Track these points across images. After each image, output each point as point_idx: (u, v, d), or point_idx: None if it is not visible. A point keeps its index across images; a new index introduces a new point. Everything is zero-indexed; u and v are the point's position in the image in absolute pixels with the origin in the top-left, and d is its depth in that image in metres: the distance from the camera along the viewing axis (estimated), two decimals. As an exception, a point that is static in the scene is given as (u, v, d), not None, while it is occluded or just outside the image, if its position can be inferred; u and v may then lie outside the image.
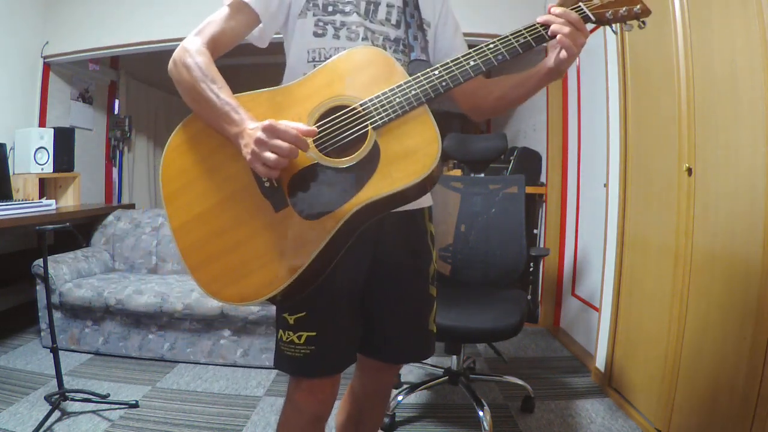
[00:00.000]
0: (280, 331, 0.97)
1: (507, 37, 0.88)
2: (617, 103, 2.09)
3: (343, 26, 0.97)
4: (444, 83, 0.86)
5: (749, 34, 1.32)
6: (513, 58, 0.87)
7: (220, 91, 0.85)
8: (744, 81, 1.35)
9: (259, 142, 0.77)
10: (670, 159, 1.69)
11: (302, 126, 0.80)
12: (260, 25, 0.98)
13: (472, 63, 0.86)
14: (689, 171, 1.57)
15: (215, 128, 0.87)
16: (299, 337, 0.93)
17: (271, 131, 0.77)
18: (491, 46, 0.87)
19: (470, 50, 0.88)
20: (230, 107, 0.83)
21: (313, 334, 0.93)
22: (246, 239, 0.85)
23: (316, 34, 0.97)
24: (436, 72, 0.86)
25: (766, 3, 1.26)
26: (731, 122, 1.41)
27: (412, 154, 0.83)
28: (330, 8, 0.97)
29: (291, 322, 0.94)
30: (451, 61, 0.87)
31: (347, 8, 0.97)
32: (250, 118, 0.82)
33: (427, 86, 0.85)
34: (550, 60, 0.91)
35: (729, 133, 1.42)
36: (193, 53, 0.88)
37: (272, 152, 0.77)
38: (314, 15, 0.97)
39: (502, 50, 0.86)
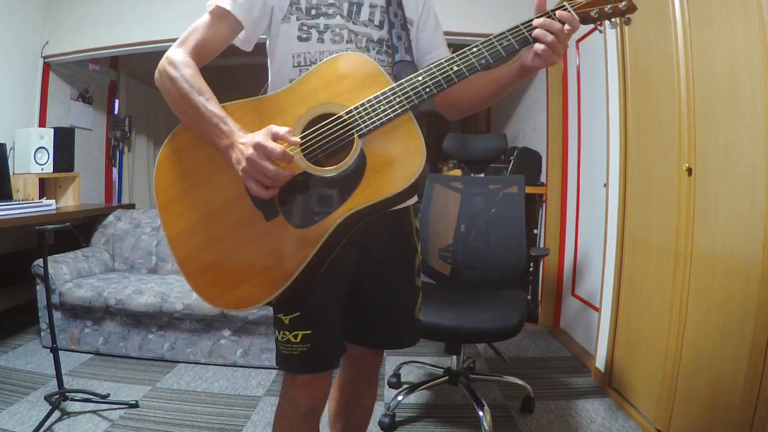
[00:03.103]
0: (277, 331, 0.99)
1: (490, 40, 0.88)
2: (617, 103, 2.09)
3: (327, 29, 0.97)
4: (428, 89, 0.86)
5: (749, 34, 1.32)
6: (497, 61, 0.87)
7: (207, 103, 0.86)
8: (744, 81, 1.35)
9: (251, 161, 0.80)
10: (670, 159, 1.69)
11: (289, 136, 0.82)
12: (243, 31, 0.98)
13: (455, 68, 0.87)
14: (689, 171, 1.57)
15: (205, 140, 0.88)
16: (295, 336, 0.95)
17: (262, 150, 0.79)
18: (474, 50, 0.87)
19: (453, 55, 0.88)
20: (218, 119, 0.85)
21: (309, 332, 0.95)
22: (240, 248, 0.88)
23: (300, 39, 0.97)
24: (420, 78, 0.87)
25: (766, 3, 1.26)
26: (731, 122, 1.41)
27: (396, 162, 0.85)
28: (313, 11, 0.97)
29: (286, 322, 0.96)
30: (434, 66, 0.88)
31: (330, 10, 0.97)
32: (239, 129, 0.84)
33: (410, 92, 0.86)
34: (527, 59, 0.89)
35: (729, 133, 1.42)
36: (178, 65, 0.89)
37: (265, 174, 0.80)
38: (297, 19, 0.97)
39: (486, 54, 0.87)
